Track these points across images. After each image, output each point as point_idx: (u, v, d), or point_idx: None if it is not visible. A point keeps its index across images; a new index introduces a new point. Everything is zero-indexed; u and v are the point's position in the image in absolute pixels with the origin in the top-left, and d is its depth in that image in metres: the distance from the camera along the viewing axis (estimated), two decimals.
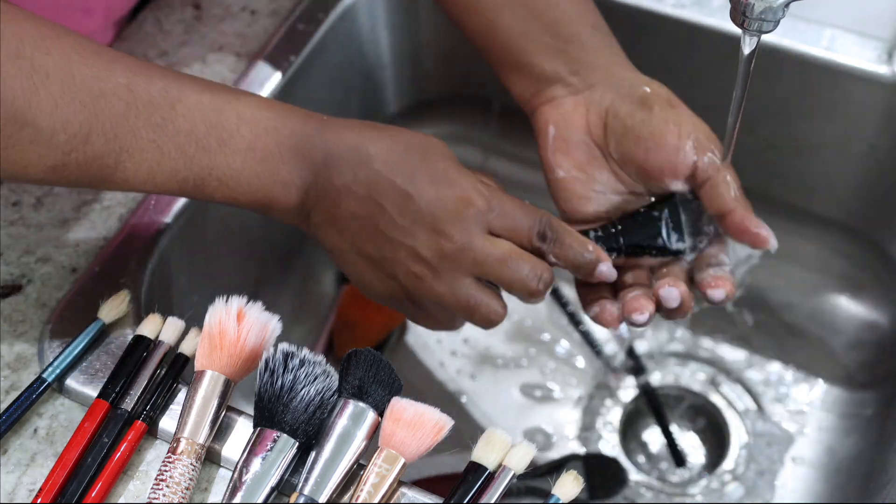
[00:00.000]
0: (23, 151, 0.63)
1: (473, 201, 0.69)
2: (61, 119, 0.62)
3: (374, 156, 0.69)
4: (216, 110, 0.67)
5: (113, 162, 0.65)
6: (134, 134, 0.65)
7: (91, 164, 0.65)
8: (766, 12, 0.65)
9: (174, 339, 0.71)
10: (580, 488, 0.64)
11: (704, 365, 1.04)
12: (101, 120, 0.64)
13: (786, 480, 0.97)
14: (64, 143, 0.63)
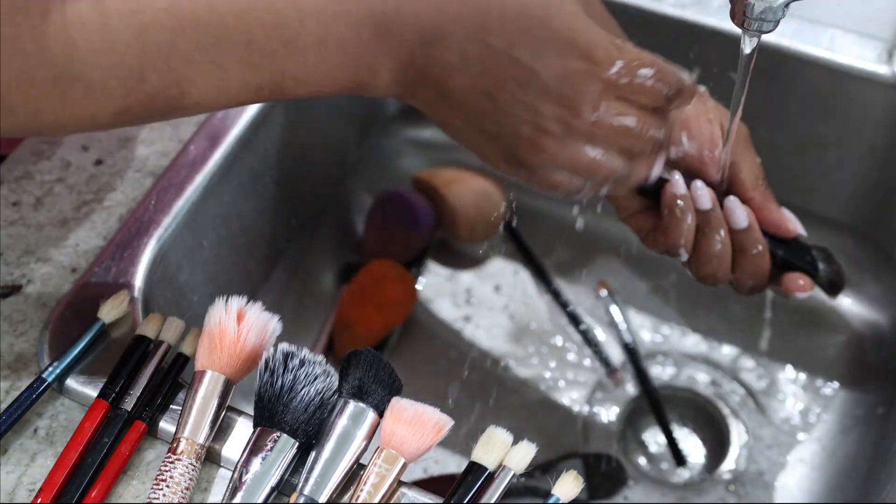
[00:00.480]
0: (81, 107, 0.60)
1: (604, 72, 0.63)
2: (108, 66, 0.59)
3: (485, 28, 0.62)
4: (271, 10, 0.62)
5: (176, 93, 0.62)
6: (188, 60, 0.61)
7: (154, 100, 0.62)
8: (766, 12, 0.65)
9: (174, 339, 0.71)
10: (580, 488, 0.64)
11: (704, 365, 1.04)
12: (150, 55, 0.60)
13: (786, 480, 0.97)
14: (119, 87, 0.60)
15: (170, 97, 0.62)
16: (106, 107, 0.61)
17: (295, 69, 0.63)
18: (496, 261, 1.11)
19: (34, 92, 0.59)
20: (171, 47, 0.60)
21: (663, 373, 1.04)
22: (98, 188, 0.84)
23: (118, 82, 0.60)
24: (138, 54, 0.60)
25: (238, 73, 0.62)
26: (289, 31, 0.62)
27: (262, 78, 0.63)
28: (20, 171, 0.84)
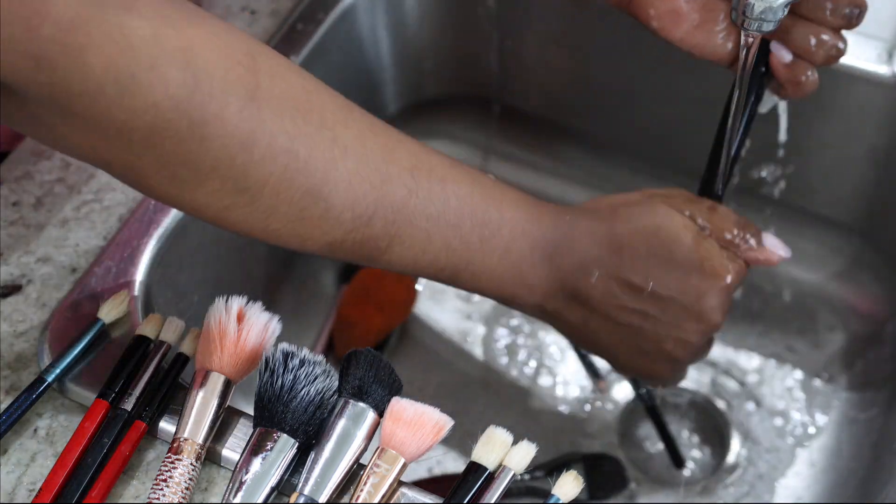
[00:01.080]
0: (310, 226, 0.62)
1: (727, 286, 0.72)
2: (352, 198, 0.62)
3: (622, 267, 0.71)
4: (482, 208, 0.68)
5: (385, 245, 0.65)
6: (410, 221, 0.65)
7: (365, 245, 0.65)
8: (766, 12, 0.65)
9: (174, 339, 0.71)
10: (580, 488, 0.64)
11: (704, 365, 1.04)
12: (385, 204, 0.63)
13: (786, 480, 0.97)
14: (349, 221, 0.63)
15: (377, 247, 0.65)
16: (327, 234, 0.63)
17: (477, 264, 0.69)
18: None
19: (285, 195, 0.60)
20: (402, 204, 0.64)
21: None
22: (98, 188, 0.84)
23: (351, 217, 0.62)
24: (377, 199, 0.63)
25: (437, 249, 0.67)
26: (487, 231, 0.68)
27: (450, 260, 0.68)
28: (20, 171, 0.84)
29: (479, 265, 0.69)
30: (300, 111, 0.59)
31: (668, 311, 0.72)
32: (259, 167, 0.58)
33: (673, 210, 0.72)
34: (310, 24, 0.96)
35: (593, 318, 0.73)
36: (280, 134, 0.58)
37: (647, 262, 0.71)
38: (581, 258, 0.71)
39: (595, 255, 0.71)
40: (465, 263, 0.69)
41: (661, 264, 0.71)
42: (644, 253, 0.71)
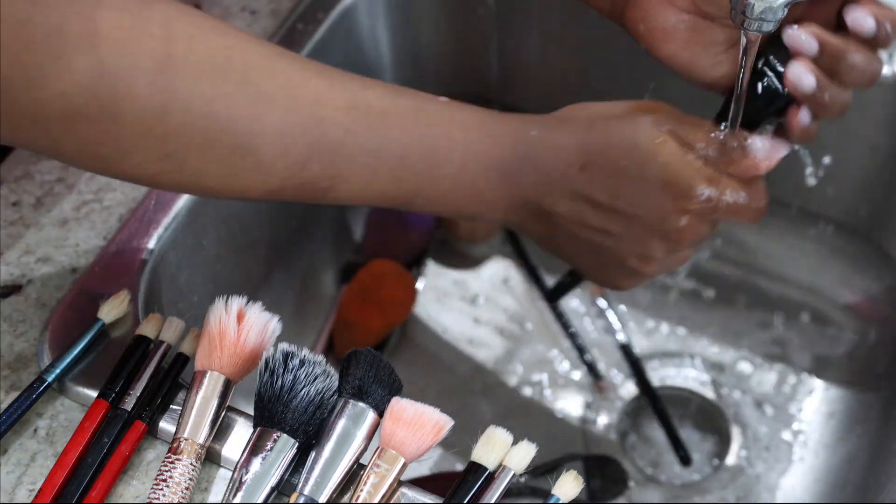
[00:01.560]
0: (244, 179, 0.62)
1: (698, 206, 0.69)
2: (282, 147, 0.62)
3: (588, 184, 0.69)
4: (429, 134, 0.67)
5: (327, 185, 0.65)
6: (350, 159, 0.65)
7: (306, 188, 0.65)
8: (766, 12, 0.65)
9: (174, 339, 0.71)
10: (580, 488, 0.64)
11: (704, 365, 1.04)
12: (320, 147, 0.63)
13: (785, 480, 0.97)
14: (282, 170, 0.63)
15: (319, 188, 0.65)
16: (264, 184, 0.63)
17: (429, 191, 0.68)
18: (496, 261, 1.11)
19: (212, 155, 0.60)
20: (339, 144, 0.64)
21: (663, 373, 1.04)
22: (98, 188, 0.84)
23: (284, 165, 0.62)
24: (310, 143, 0.63)
25: (383, 182, 0.66)
26: (436, 157, 0.67)
27: (400, 190, 0.67)
28: (20, 171, 0.84)
29: (431, 191, 0.68)
30: (219, 71, 0.59)
31: (633, 229, 0.70)
32: (179, 135, 0.59)
33: (654, 127, 0.69)
34: (310, 24, 0.96)
35: (557, 234, 0.72)
36: (196, 99, 0.59)
37: (616, 179, 0.69)
38: (545, 176, 0.69)
39: (561, 172, 0.69)
40: (416, 191, 0.68)
41: (630, 182, 0.68)
42: (613, 170, 0.68)
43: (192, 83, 0.59)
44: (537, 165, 0.69)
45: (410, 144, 0.66)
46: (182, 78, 0.58)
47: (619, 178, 0.69)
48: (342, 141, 0.64)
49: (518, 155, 0.69)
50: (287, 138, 0.62)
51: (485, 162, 0.69)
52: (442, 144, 0.67)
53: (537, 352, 1.05)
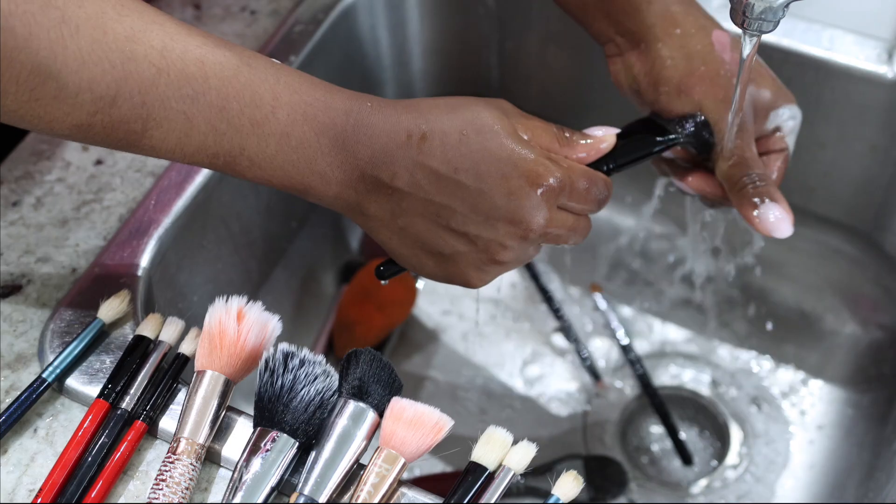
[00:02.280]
0: (46, 106, 0.61)
1: (548, 185, 0.67)
2: (87, 77, 0.60)
3: (429, 154, 0.66)
4: (251, 88, 0.64)
5: (140, 128, 0.63)
6: (163, 103, 0.62)
7: (117, 128, 0.63)
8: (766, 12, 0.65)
9: (174, 339, 0.71)
10: (580, 488, 0.64)
11: (704, 365, 1.04)
12: (130, 84, 0.61)
13: (785, 480, 0.97)
14: (89, 102, 0.61)
15: (131, 130, 0.63)
16: (69, 116, 0.61)
17: (253, 150, 0.65)
18: None
19: (10, 73, 0.59)
20: (151, 85, 0.62)
21: (664, 373, 1.04)
22: (98, 188, 0.84)
23: (90, 97, 0.61)
24: (119, 78, 0.61)
25: (202, 133, 0.64)
26: (259, 114, 0.64)
27: (221, 146, 0.64)
28: (20, 171, 0.84)
29: (254, 150, 0.65)
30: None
31: (479, 208, 0.66)
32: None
33: (492, 108, 0.68)
34: (310, 24, 0.96)
35: (398, 216, 0.68)
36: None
37: (458, 149, 0.66)
38: (383, 145, 0.66)
39: (400, 142, 0.66)
40: (238, 149, 0.64)
41: (473, 153, 0.66)
42: (455, 140, 0.66)
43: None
44: (374, 135, 0.66)
45: (230, 97, 0.63)
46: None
47: (462, 148, 0.66)
48: (154, 81, 0.62)
49: (352, 122, 0.66)
50: (93, 69, 0.60)
51: (314, 125, 0.65)
52: (266, 101, 0.64)
53: (537, 352, 1.05)
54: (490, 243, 0.68)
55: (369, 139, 0.66)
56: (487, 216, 0.67)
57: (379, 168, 0.66)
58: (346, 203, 0.68)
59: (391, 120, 0.66)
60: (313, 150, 0.66)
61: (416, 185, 0.66)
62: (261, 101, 0.64)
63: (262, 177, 0.66)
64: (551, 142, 0.70)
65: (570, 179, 0.68)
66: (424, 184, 0.66)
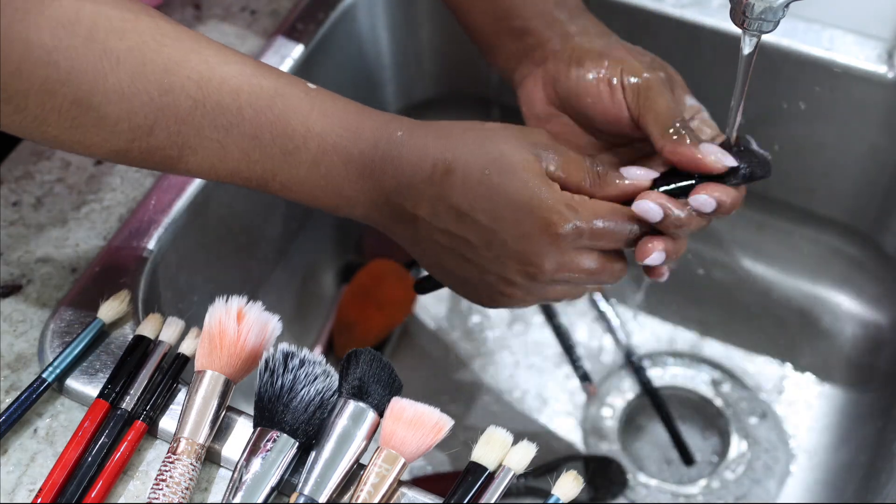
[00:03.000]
0: (86, 133, 0.63)
1: (561, 233, 0.67)
2: (127, 109, 0.62)
3: (450, 189, 0.68)
4: (284, 119, 0.66)
5: (176, 154, 0.65)
6: (198, 132, 0.65)
7: (154, 154, 0.65)
8: (766, 12, 0.65)
9: (174, 339, 0.71)
10: (580, 488, 0.64)
11: (704, 365, 1.04)
12: (167, 115, 0.63)
13: (786, 480, 0.97)
14: (127, 131, 0.63)
15: (168, 156, 0.65)
16: (108, 142, 0.64)
17: (284, 176, 0.68)
18: None
19: (51, 104, 0.61)
20: (188, 116, 0.64)
21: (664, 373, 1.04)
22: (98, 188, 0.84)
23: (128, 126, 0.63)
24: (157, 109, 0.63)
25: (235, 160, 0.66)
26: (291, 144, 0.67)
27: (253, 171, 0.67)
28: (20, 171, 0.84)
29: (286, 177, 0.68)
30: (63, 25, 0.60)
31: (492, 245, 0.68)
32: (16, 79, 0.60)
33: (523, 145, 0.69)
34: (310, 24, 0.96)
35: (420, 239, 0.71)
36: (37, 48, 0.60)
37: (478, 188, 0.67)
38: (408, 177, 0.68)
39: (423, 176, 0.68)
40: (270, 175, 0.68)
41: (492, 194, 0.67)
42: (477, 179, 0.67)
43: (33, 32, 0.60)
44: (400, 166, 0.68)
45: (263, 126, 0.66)
46: (24, 27, 0.59)
47: (481, 188, 0.67)
48: (191, 112, 0.64)
49: (380, 153, 0.68)
50: (132, 101, 0.62)
51: (343, 156, 0.68)
52: (298, 131, 0.67)
53: (538, 352, 1.05)
54: (499, 279, 0.70)
55: (395, 170, 0.68)
56: (498, 254, 0.69)
57: (403, 197, 0.69)
58: (374, 222, 0.72)
59: (419, 152, 0.68)
60: (341, 177, 0.68)
61: (435, 216, 0.69)
62: (293, 132, 0.67)
63: (293, 198, 0.70)
64: (582, 179, 0.70)
65: (588, 225, 0.68)
66: (443, 216, 0.68)
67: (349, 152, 0.68)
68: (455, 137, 0.69)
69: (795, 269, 1.07)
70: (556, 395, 1.02)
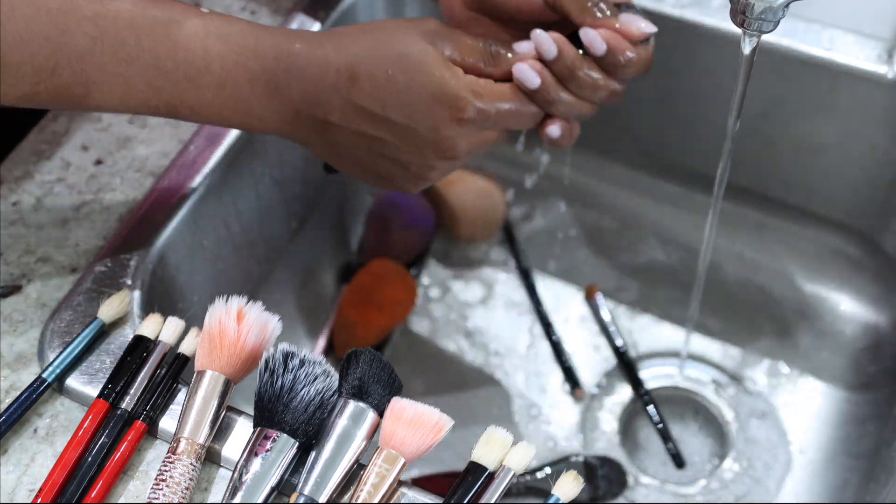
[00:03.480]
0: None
1: (470, 117, 0.71)
2: (27, 52, 0.64)
3: (358, 93, 0.70)
4: (184, 46, 0.68)
5: (83, 91, 0.67)
6: (101, 68, 0.66)
7: (61, 93, 0.67)
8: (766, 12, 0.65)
9: (174, 339, 0.71)
10: (580, 488, 0.64)
11: (704, 365, 1.04)
12: (67, 54, 0.65)
13: (785, 480, 0.97)
14: (31, 74, 0.65)
15: (76, 94, 0.67)
16: (14, 88, 0.66)
17: (192, 101, 0.69)
18: (496, 261, 1.11)
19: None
20: (87, 52, 0.66)
21: (663, 373, 1.04)
22: (98, 188, 0.84)
23: (32, 70, 0.65)
24: (56, 49, 0.65)
25: (141, 91, 0.68)
26: (193, 68, 0.68)
27: (160, 100, 0.69)
28: (20, 171, 0.84)
29: (193, 101, 0.69)
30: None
31: (407, 139, 0.71)
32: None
33: (423, 39, 0.71)
34: (310, 24, 0.96)
35: (336, 144, 0.73)
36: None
37: (387, 88, 0.70)
38: (314, 87, 0.70)
39: (329, 84, 0.70)
40: (178, 100, 0.69)
41: (399, 92, 0.70)
42: (383, 79, 0.70)
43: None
44: (303, 77, 0.70)
45: (163, 55, 0.68)
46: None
47: (389, 88, 0.70)
48: (90, 49, 0.66)
49: (282, 67, 0.70)
50: (31, 45, 0.64)
51: (246, 74, 0.69)
52: (198, 55, 0.68)
53: (538, 352, 1.05)
54: (421, 167, 0.73)
55: (300, 82, 0.70)
56: (416, 146, 0.72)
57: (312, 106, 0.71)
58: (288, 136, 0.73)
59: (320, 61, 0.70)
60: (248, 95, 0.70)
61: (348, 119, 0.71)
62: (194, 56, 0.68)
63: (204, 121, 0.71)
64: (478, 60, 0.73)
65: (493, 107, 0.72)
66: (356, 119, 0.71)
67: (252, 70, 0.69)
68: (353, 43, 0.71)
69: (795, 269, 1.07)
70: (556, 395, 1.02)
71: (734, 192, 0.91)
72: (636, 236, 1.11)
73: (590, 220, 1.12)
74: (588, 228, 1.12)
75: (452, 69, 0.71)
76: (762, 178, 1.05)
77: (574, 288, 1.09)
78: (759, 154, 1.02)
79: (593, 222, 1.12)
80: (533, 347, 1.05)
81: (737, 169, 0.88)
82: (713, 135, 0.84)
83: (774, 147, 1.02)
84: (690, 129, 1.04)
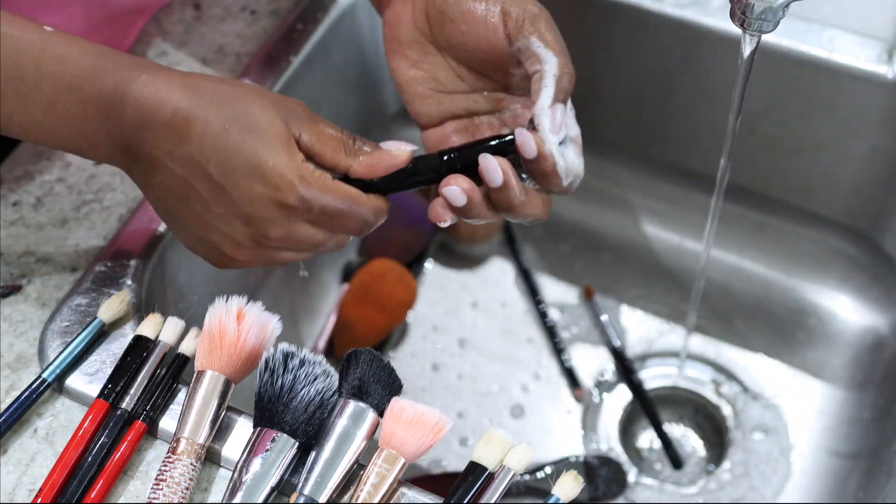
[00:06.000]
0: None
1: (289, 203, 0.66)
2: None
3: (189, 135, 0.66)
4: (14, 60, 0.67)
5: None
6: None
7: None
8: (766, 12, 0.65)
9: (174, 339, 0.71)
10: (580, 488, 0.64)
11: (703, 365, 1.04)
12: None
13: (785, 481, 0.97)
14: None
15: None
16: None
17: (21, 118, 0.68)
18: (496, 261, 1.11)
19: None
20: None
21: (662, 373, 1.04)
22: (98, 188, 0.84)
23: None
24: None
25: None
26: (23, 86, 0.67)
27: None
28: (20, 171, 0.84)
29: (22, 119, 0.68)
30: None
31: (221, 202, 0.67)
32: None
33: (277, 112, 0.68)
34: (310, 24, 0.96)
35: (155, 184, 0.69)
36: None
37: (216, 140, 0.66)
38: (148, 120, 0.67)
39: (164, 120, 0.66)
40: (7, 118, 0.68)
41: (227, 148, 0.66)
42: (216, 132, 0.66)
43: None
44: (140, 108, 0.67)
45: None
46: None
47: (219, 141, 0.66)
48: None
49: (120, 94, 0.67)
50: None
51: (80, 95, 0.67)
52: (29, 74, 0.67)
53: (537, 352, 1.05)
54: (225, 237, 0.69)
55: (135, 112, 0.67)
56: (226, 211, 0.67)
57: (141, 139, 0.67)
58: (116, 164, 0.70)
59: (161, 95, 0.67)
60: (80, 118, 0.68)
61: (173, 160, 0.67)
62: (24, 74, 0.67)
63: (35, 140, 0.70)
64: (335, 150, 0.69)
65: (319, 202, 0.67)
66: (178, 162, 0.67)
67: (86, 92, 0.67)
68: (205, 90, 0.68)
69: (795, 269, 1.07)
70: (556, 395, 1.02)
71: (734, 192, 0.91)
72: (636, 236, 1.11)
73: (590, 220, 1.12)
74: (588, 228, 1.12)
75: (291, 149, 0.67)
76: (762, 178, 1.05)
77: (574, 288, 1.08)
78: (759, 154, 1.02)
79: (593, 222, 1.12)
80: (533, 347, 1.05)
81: (737, 169, 0.88)
82: (713, 135, 0.84)
83: (774, 147, 1.02)
84: (690, 129, 1.04)
